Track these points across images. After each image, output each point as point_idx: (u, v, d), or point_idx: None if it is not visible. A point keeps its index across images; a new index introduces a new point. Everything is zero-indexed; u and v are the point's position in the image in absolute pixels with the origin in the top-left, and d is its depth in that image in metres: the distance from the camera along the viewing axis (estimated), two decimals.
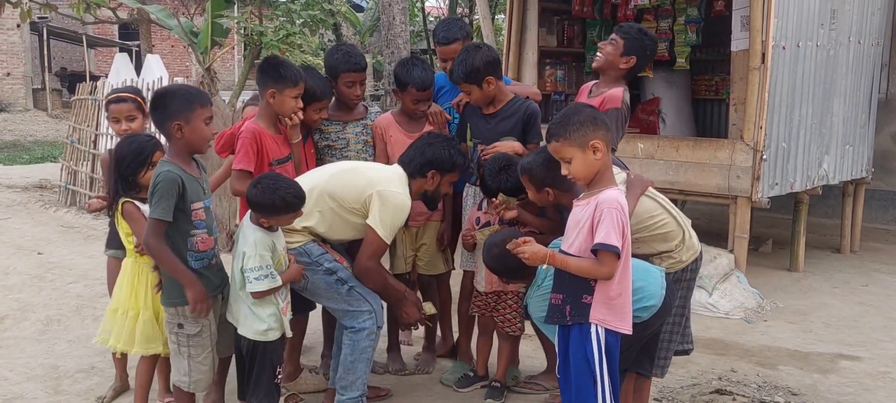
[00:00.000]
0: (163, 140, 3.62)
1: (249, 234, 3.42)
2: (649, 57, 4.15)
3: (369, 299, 3.78)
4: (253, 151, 3.84)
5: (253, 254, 3.36)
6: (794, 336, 5.56)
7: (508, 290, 4.12)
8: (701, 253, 3.66)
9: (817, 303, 6.34)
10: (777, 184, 6.57)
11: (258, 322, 3.45)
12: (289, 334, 3.60)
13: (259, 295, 3.40)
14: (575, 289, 3.04)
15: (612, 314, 3.02)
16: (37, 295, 6.11)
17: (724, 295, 6.12)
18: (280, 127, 3.98)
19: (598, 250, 2.94)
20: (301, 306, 4.11)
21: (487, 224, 4.09)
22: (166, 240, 3.27)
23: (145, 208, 3.47)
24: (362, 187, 3.70)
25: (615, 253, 2.92)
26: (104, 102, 3.51)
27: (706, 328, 5.71)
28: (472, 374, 4.40)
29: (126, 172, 3.62)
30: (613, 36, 3.98)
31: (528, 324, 4.24)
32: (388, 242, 3.73)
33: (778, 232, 8.38)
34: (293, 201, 3.42)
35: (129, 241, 3.76)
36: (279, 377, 3.59)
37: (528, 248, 3.04)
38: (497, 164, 3.95)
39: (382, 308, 3.89)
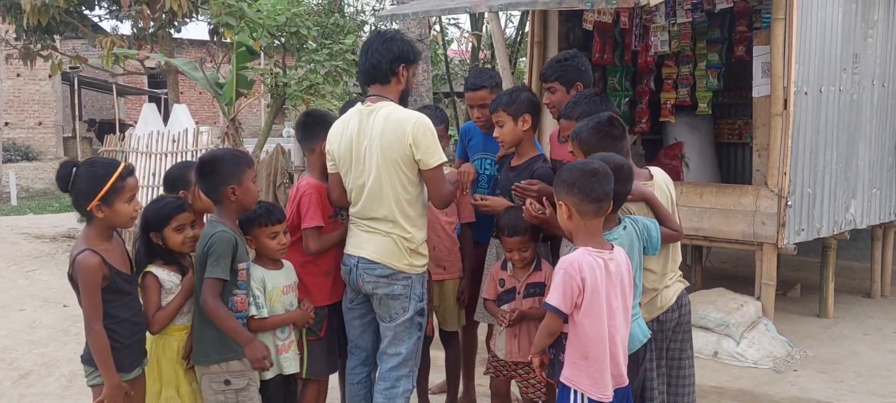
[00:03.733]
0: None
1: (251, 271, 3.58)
2: (585, 71, 4.29)
3: (417, 359, 3.80)
4: (321, 208, 3.87)
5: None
6: (825, 387, 5.45)
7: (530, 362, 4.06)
8: (679, 303, 3.58)
9: (848, 352, 6.21)
10: (803, 229, 6.49)
11: None
12: (285, 371, 3.61)
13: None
14: (556, 345, 3.23)
15: (585, 379, 3.06)
16: (61, 349, 6.15)
17: (752, 343, 6.02)
18: None
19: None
20: (325, 369, 4.08)
21: (512, 290, 4.01)
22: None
23: (166, 276, 3.47)
24: (401, 152, 3.58)
25: (554, 312, 3.04)
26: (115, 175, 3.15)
27: (734, 378, 5.62)
28: None
29: (146, 232, 3.53)
30: (549, 85, 4.23)
31: None
32: (444, 158, 3.69)
33: (806, 277, 8.25)
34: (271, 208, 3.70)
35: None
36: None
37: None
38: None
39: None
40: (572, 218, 3.07)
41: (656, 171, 3.66)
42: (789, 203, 6.21)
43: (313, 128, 4.00)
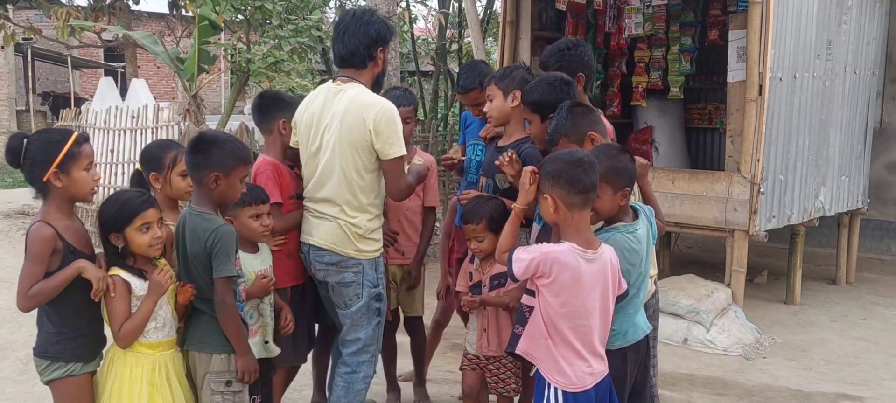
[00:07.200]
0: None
1: None
2: (588, 61, 4.04)
3: (378, 344, 3.73)
4: (279, 185, 3.72)
5: None
6: (794, 375, 5.45)
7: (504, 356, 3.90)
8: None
9: (816, 339, 6.23)
10: (774, 216, 6.48)
11: None
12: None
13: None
14: (520, 316, 3.19)
15: (555, 369, 2.95)
16: (16, 331, 5.92)
17: (722, 330, 6.00)
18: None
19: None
20: (289, 356, 3.91)
21: (478, 285, 3.86)
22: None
23: (135, 281, 2.99)
24: (360, 137, 3.49)
25: (512, 259, 2.93)
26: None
27: (705, 365, 5.60)
28: None
29: (105, 233, 3.01)
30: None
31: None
32: (404, 151, 3.58)
33: (772, 262, 8.29)
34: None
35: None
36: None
37: None
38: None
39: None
40: (559, 211, 2.92)
41: None
42: (762, 190, 6.18)
43: (269, 108, 3.90)
